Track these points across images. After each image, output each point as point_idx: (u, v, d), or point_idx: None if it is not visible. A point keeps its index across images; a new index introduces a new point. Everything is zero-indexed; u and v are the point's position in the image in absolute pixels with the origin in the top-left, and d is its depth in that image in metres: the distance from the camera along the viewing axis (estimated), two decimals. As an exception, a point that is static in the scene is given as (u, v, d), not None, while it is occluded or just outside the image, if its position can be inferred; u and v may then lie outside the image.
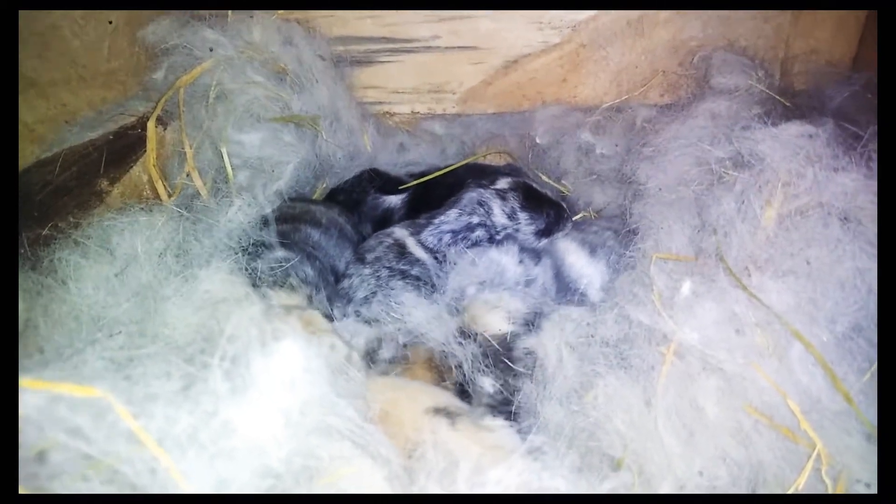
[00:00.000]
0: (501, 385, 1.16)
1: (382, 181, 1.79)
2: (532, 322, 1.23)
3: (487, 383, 1.17)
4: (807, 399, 0.92)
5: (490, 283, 1.39)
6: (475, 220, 1.53)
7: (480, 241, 1.53)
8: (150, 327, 0.99)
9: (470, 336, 1.22)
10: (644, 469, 0.93)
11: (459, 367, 1.19)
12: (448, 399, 1.11)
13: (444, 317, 1.30)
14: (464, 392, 1.18)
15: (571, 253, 1.48)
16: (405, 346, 1.28)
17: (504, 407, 1.14)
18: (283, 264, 1.32)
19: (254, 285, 1.18)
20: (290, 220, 1.53)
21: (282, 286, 1.27)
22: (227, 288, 1.09)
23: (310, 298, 1.32)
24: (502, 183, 1.61)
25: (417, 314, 1.30)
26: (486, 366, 1.18)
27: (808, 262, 1.00)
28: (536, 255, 1.53)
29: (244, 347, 0.75)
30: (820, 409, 0.91)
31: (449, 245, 1.51)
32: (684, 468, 0.91)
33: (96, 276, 1.10)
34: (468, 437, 0.97)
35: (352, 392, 0.89)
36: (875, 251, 0.97)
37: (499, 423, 1.03)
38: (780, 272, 1.01)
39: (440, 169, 1.82)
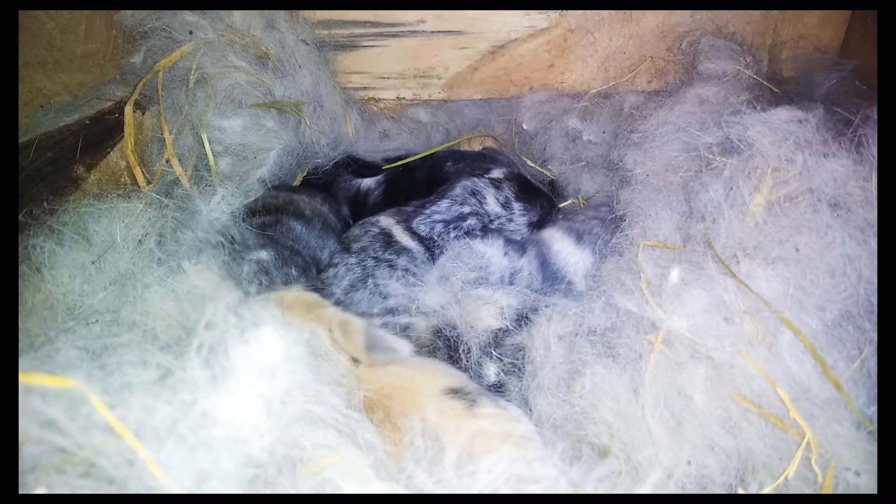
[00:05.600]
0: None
1: (358, 166, 1.77)
2: (524, 317, 1.22)
3: (492, 371, 1.16)
4: (796, 387, 0.91)
5: (476, 275, 1.38)
6: (466, 209, 1.51)
7: (473, 230, 1.52)
8: (126, 315, 0.96)
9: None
10: (632, 458, 0.92)
11: (468, 352, 1.18)
12: (463, 380, 1.06)
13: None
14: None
15: (557, 240, 1.47)
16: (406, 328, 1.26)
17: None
18: (265, 268, 1.30)
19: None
20: (272, 211, 1.50)
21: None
22: (210, 278, 1.07)
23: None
24: (496, 172, 1.60)
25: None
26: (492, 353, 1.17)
27: (797, 249, 0.99)
28: (521, 247, 1.51)
29: (222, 335, 0.73)
30: (809, 398, 0.91)
31: (440, 235, 1.49)
32: (672, 457, 0.90)
33: (72, 263, 1.07)
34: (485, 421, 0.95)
35: (335, 378, 0.86)
36: (864, 237, 0.97)
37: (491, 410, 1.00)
38: (769, 259, 1.00)
39: (419, 153, 1.81)
